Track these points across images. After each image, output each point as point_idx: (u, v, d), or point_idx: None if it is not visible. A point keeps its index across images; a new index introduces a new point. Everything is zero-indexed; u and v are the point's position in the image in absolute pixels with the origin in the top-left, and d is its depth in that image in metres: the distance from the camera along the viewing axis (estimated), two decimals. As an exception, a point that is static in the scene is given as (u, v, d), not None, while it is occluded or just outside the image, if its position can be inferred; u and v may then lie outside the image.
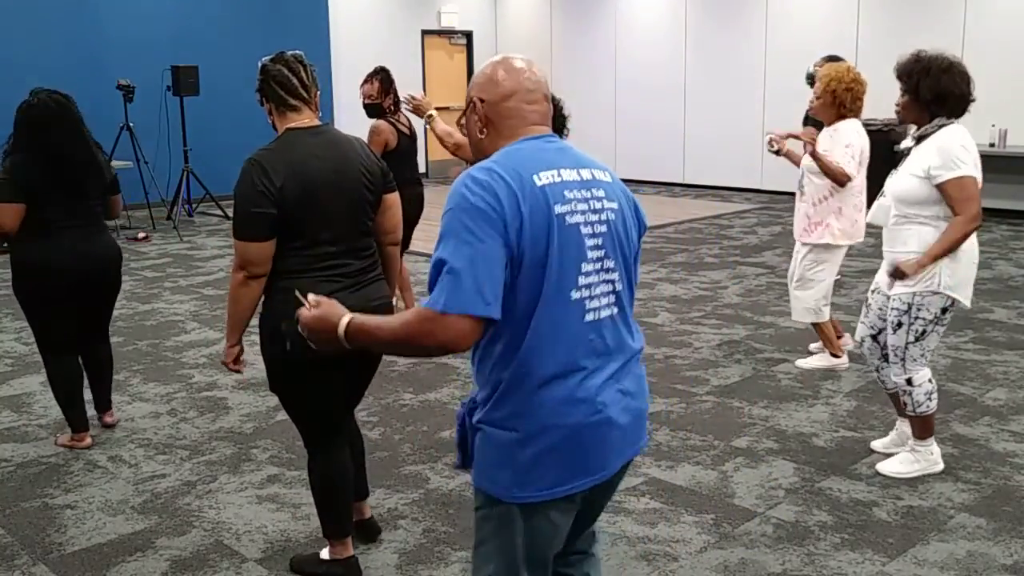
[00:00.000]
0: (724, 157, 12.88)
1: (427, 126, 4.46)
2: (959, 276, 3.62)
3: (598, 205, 1.96)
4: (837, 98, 4.85)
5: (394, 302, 3.24)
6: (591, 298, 1.94)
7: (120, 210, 4.47)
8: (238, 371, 3.10)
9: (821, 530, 3.42)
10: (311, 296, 2.05)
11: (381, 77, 5.56)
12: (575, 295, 1.91)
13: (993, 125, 9.83)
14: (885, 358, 3.91)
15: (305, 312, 2.00)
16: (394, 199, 3.10)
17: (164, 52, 11.33)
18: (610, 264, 1.97)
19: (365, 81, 5.59)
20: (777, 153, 5.17)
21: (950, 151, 3.52)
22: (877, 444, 4.11)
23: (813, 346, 5.49)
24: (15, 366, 5.57)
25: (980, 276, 3.97)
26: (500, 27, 15.44)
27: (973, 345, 5.68)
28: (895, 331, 3.71)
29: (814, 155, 4.86)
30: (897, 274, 3.59)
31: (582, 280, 1.92)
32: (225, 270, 8.34)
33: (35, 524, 3.57)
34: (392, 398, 4.89)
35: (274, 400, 4.90)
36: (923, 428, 3.83)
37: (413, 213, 5.53)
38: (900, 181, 3.67)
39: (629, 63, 13.78)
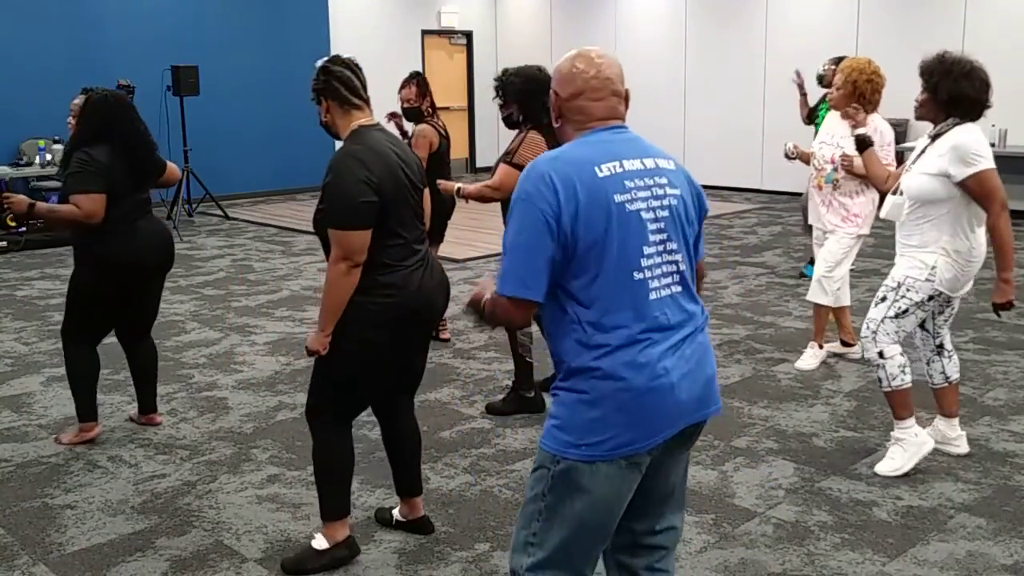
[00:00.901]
0: (724, 157, 12.88)
1: (459, 198, 4.66)
2: (951, 275, 3.71)
3: (660, 192, 2.13)
4: (858, 89, 4.85)
5: None
6: (653, 278, 2.10)
7: (172, 182, 4.53)
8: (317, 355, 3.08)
9: (821, 530, 3.42)
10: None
11: (418, 81, 5.71)
12: (638, 276, 2.08)
13: (993, 125, 9.83)
14: (938, 351, 3.97)
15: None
16: (426, 194, 3.29)
17: (164, 52, 11.34)
18: (673, 246, 2.14)
19: (403, 86, 5.73)
20: (791, 158, 5.31)
21: (966, 148, 3.60)
22: None
23: (810, 345, 5.48)
24: (15, 366, 5.58)
25: (980, 276, 3.97)
26: (500, 27, 15.45)
27: (973, 345, 5.68)
28: (877, 304, 3.84)
29: (851, 172, 4.93)
30: (1004, 307, 3.69)
31: (644, 262, 2.09)
32: (225, 270, 8.34)
33: (35, 524, 3.57)
34: (392, 398, 4.89)
35: (274, 400, 4.91)
36: (900, 405, 3.84)
37: (451, 205, 5.69)
38: (914, 179, 3.74)
39: (629, 63, 13.69)
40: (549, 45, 14.61)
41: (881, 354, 3.81)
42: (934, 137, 3.73)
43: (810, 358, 5.32)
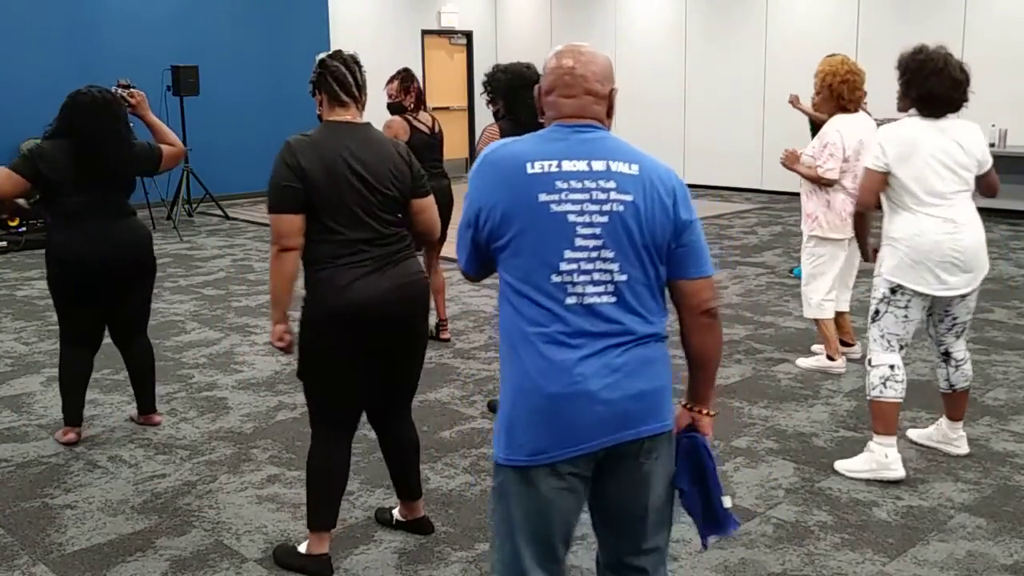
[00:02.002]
0: (724, 157, 12.88)
1: None
2: (895, 261, 3.71)
3: (601, 196, 2.01)
4: (834, 91, 4.88)
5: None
6: (575, 283, 2.01)
7: (177, 161, 4.48)
8: (286, 350, 3.11)
9: (821, 530, 3.42)
10: None
11: (401, 77, 5.78)
12: (555, 278, 2.01)
13: (993, 125, 9.84)
14: (944, 358, 3.95)
15: None
16: (424, 204, 3.19)
17: (164, 52, 11.33)
18: (608, 255, 2.01)
19: (388, 82, 5.75)
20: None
21: (876, 137, 3.76)
22: (912, 433, 4.16)
23: (816, 347, 5.49)
24: (15, 366, 5.57)
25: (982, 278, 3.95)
26: (500, 27, 15.45)
27: (973, 345, 5.67)
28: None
29: (790, 167, 4.99)
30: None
31: (564, 266, 2.00)
32: (225, 270, 8.34)
33: (35, 524, 3.57)
34: (392, 398, 4.89)
35: (274, 400, 4.90)
36: (876, 416, 3.82)
37: (450, 207, 5.68)
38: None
39: (629, 63, 13.77)
40: (549, 45, 14.53)
41: (869, 361, 3.84)
42: None
43: (812, 360, 5.32)
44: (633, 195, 2.02)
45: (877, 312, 3.79)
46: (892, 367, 3.77)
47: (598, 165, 2.04)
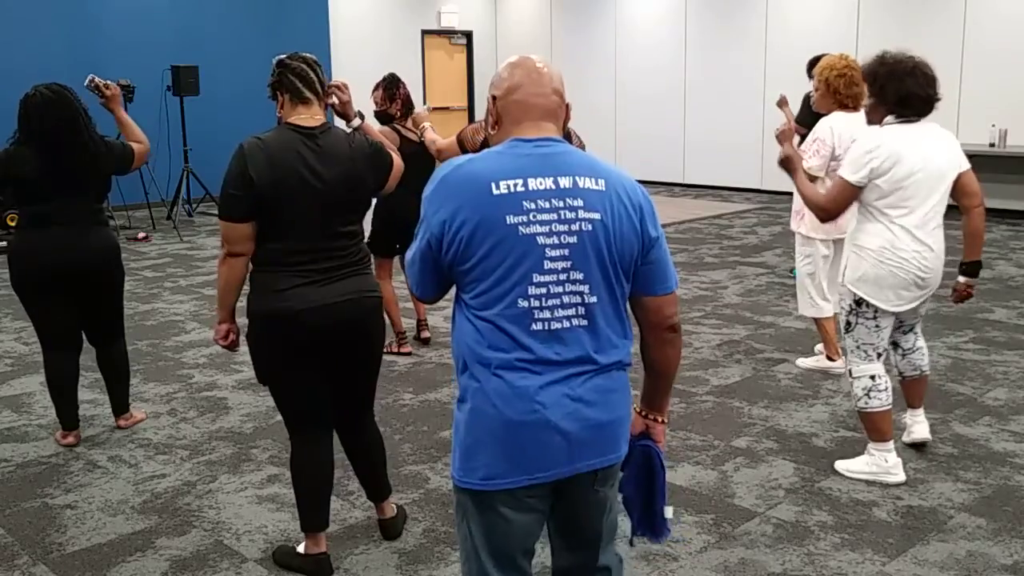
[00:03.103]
0: (724, 157, 12.89)
1: (421, 137, 4.96)
2: (860, 272, 3.66)
3: (570, 215, 1.93)
4: (831, 86, 4.84)
5: None
6: (541, 308, 1.93)
7: (143, 160, 4.44)
8: (228, 348, 3.18)
9: (821, 530, 3.42)
10: None
11: (384, 85, 5.63)
12: (522, 303, 1.93)
13: (993, 125, 9.84)
14: (892, 346, 3.96)
15: None
16: (392, 177, 3.24)
17: (164, 52, 11.34)
18: (577, 276, 1.94)
19: (374, 89, 5.66)
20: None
21: (850, 153, 3.67)
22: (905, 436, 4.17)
23: (819, 347, 5.48)
24: (15, 366, 5.57)
25: (980, 276, 3.95)
26: (500, 27, 15.45)
27: (973, 345, 5.68)
28: None
29: (780, 144, 4.90)
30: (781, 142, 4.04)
31: (532, 290, 1.92)
32: (225, 270, 8.33)
33: (35, 524, 3.57)
34: (392, 398, 4.89)
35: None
36: (870, 429, 3.82)
37: (412, 216, 5.60)
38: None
39: (629, 62, 13.78)
40: (549, 45, 14.61)
41: (850, 372, 3.84)
42: None
43: (812, 361, 5.31)
44: (601, 213, 1.95)
45: (848, 324, 3.77)
46: (873, 377, 3.76)
47: (564, 182, 1.94)
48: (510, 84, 2.04)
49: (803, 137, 7.30)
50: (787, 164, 3.96)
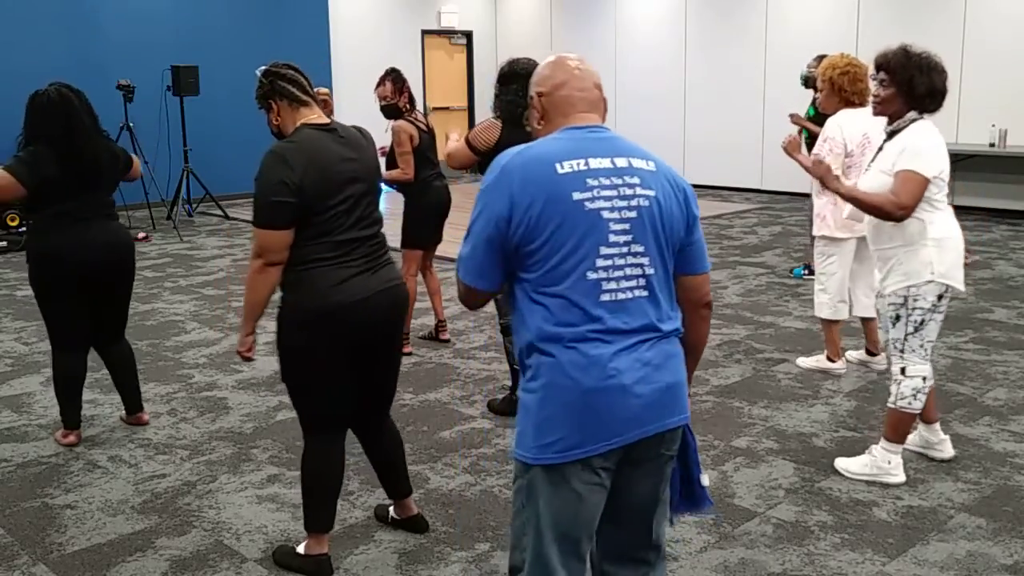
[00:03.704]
0: (724, 157, 12.89)
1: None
2: (947, 262, 3.64)
3: (629, 192, 2.07)
4: (835, 84, 4.82)
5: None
6: (609, 279, 2.04)
7: (137, 174, 4.51)
8: (251, 359, 3.14)
9: (821, 530, 3.42)
10: None
11: (392, 77, 5.66)
12: (591, 275, 2.03)
13: (993, 125, 9.84)
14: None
15: None
16: None
17: (164, 52, 11.34)
18: (638, 248, 2.07)
19: (378, 84, 5.68)
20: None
21: (914, 148, 3.56)
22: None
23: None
24: (15, 366, 5.58)
25: (980, 276, 3.97)
26: (500, 27, 15.45)
27: (973, 345, 5.68)
28: (894, 325, 3.71)
29: (790, 154, 4.85)
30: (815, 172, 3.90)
31: (600, 263, 2.03)
32: (225, 270, 8.34)
33: (35, 524, 3.57)
34: (392, 398, 4.89)
35: (274, 400, 4.90)
36: (894, 429, 3.79)
37: (444, 207, 5.67)
38: (873, 179, 3.69)
39: (629, 63, 13.78)
40: (549, 45, 14.61)
41: (903, 370, 3.72)
42: (891, 133, 3.68)
43: (813, 360, 5.30)
44: (655, 191, 2.10)
45: (922, 323, 3.66)
46: (925, 379, 3.72)
47: (621, 162, 2.09)
48: (555, 81, 2.18)
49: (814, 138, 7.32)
50: (824, 178, 3.86)
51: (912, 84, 3.60)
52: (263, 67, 3.11)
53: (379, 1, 14.09)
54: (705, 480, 2.31)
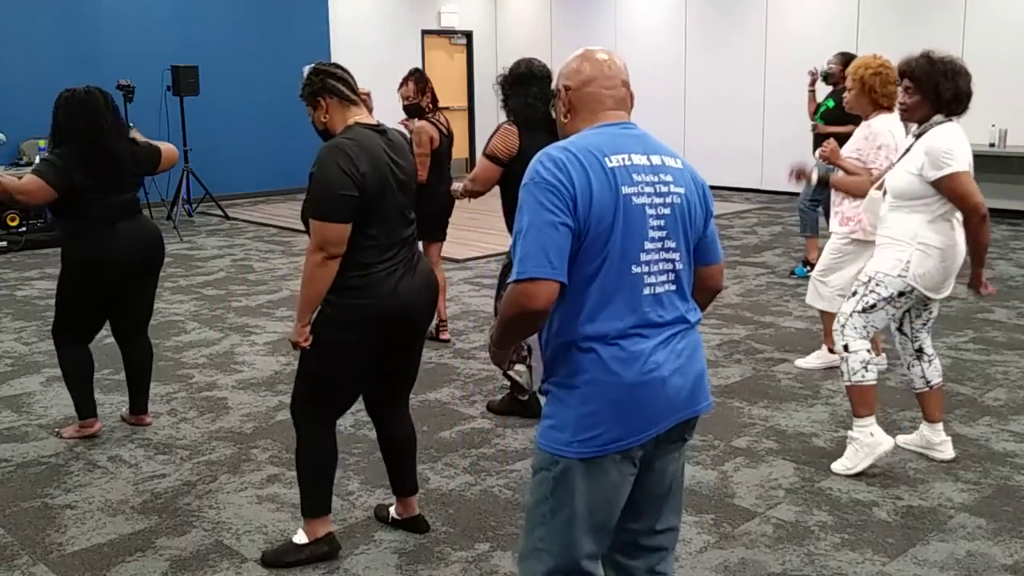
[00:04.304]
0: (724, 157, 12.88)
1: (459, 198, 4.80)
2: (924, 270, 3.70)
3: (664, 189, 2.12)
4: (866, 84, 4.74)
5: None
6: (650, 273, 2.10)
7: (171, 163, 4.49)
8: (302, 348, 3.09)
9: (821, 530, 3.42)
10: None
11: (415, 78, 5.70)
12: (635, 269, 2.08)
13: (993, 125, 9.83)
14: (917, 355, 3.95)
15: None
16: None
17: (164, 52, 11.34)
18: (671, 244, 2.13)
19: (401, 84, 5.73)
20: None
21: (938, 150, 3.61)
22: (900, 439, 4.13)
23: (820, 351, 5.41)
24: (15, 366, 5.57)
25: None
26: (500, 27, 15.45)
27: (973, 345, 5.68)
28: (848, 298, 3.88)
29: (835, 163, 4.74)
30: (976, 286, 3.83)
31: (643, 256, 2.09)
32: (225, 270, 8.34)
33: (35, 524, 3.57)
34: (392, 398, 4.89)
35: (274, 400, 4.90)
36: (858, 402, 3.85)
37: (450, 203, 5.69)
38: (898, 177, 3.77)
39: (629, 62, 13.57)
40: (549, 45, 14.60)
41: (846, 347, 3.84)
42: (919, 135, 3.74)
43: (813, 359, 5.31)
44: (684, 188, 2.16)
45: (873, 306, 3.79)
46: (868, 351, 3.84)
47: (655, 160, 2.14)
48: (583, 77, 2.20)
49: (821, 136, 7.29)
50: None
51: (938, 90, 3.68)
52: (311, 64, 3.16)
53: (379, 1, 14.08)
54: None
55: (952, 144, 3.62)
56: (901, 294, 3.76)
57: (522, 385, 4.56)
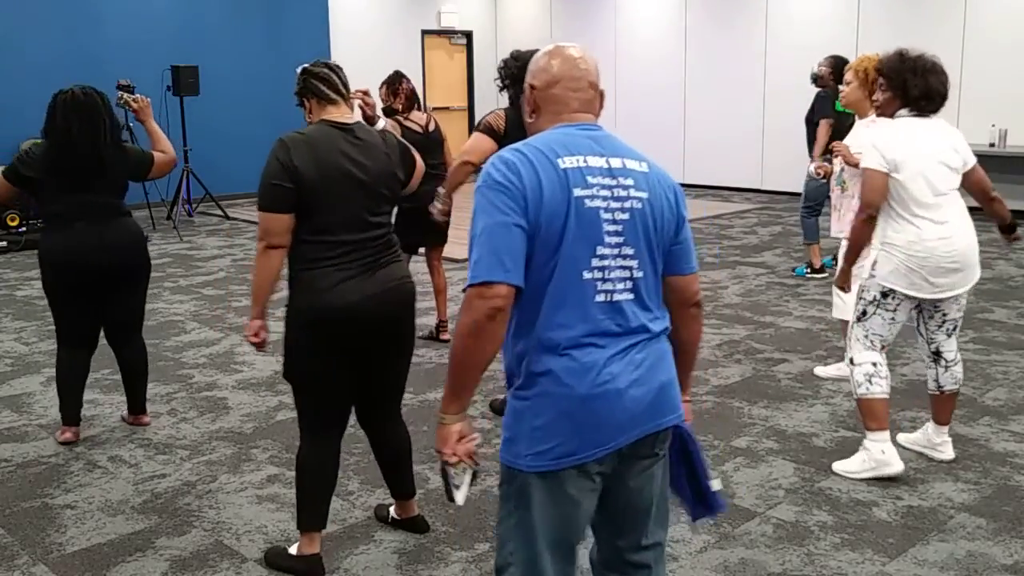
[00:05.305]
0: (724, 157, 12.89)
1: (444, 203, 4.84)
2: (890, 268, 3.70)
3: (623, 193, 2.03)
4: (869, 76, 4.74)
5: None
6: (604, 280, 2.01)
7: (168, 169, 4.45)
8: (260, 345, 3.13)
9: (821, 530, 3.42)
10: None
11: (387, 80, 5.75)
12: (587, 275, 1.99)
13: (993, 125, 9.84)
14: (934, 358, 3.91)
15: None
16: (414, 179, 3.33)
17: (164, 52, 11.34)
18: (629, 251, 2.03)
19: (380, 87, 5.73)
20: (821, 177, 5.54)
21: (866, 144, 3.70)
22: (901, 438, 4.13)
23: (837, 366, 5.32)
24: (15, 366, 5.58)
25: (980, 276, 3.94)
26: (500, 27, 15.45)
27: (973, 345, 5.68)
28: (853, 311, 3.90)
29: (849, 162, 4.72)
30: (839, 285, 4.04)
31: (595, 262, 2.00)
32: (225, 270, 8.34)
33: (35, 524, 3.57)
34: (392, 398, 4.89)
35: (274, 400, 4.90)
36: (866, 415, 3.82)
37: (423, 211, 5.61)
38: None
39: (629, 62, 13.78)
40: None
41: (851, 360, 3.83)
42: None
43: (833, 369, 5.16)
44: (647, 193, 2.07)
45: (864, 313, 3.79)
46: (875, 364, 3.78)
47: (615, 162, 2.06)
48: (549, 77, 2.12)
49: (815, 125, 7.28)
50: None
51: (906, 86, 3.67)
52: (304, 64, 3.18)
53: (379, 1, 14.08)
54: (716, 485, 2.27)
55: (882, 139, 3.62)
56: (884, 295, 3.74)
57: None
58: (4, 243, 9.39)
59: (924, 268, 3.66)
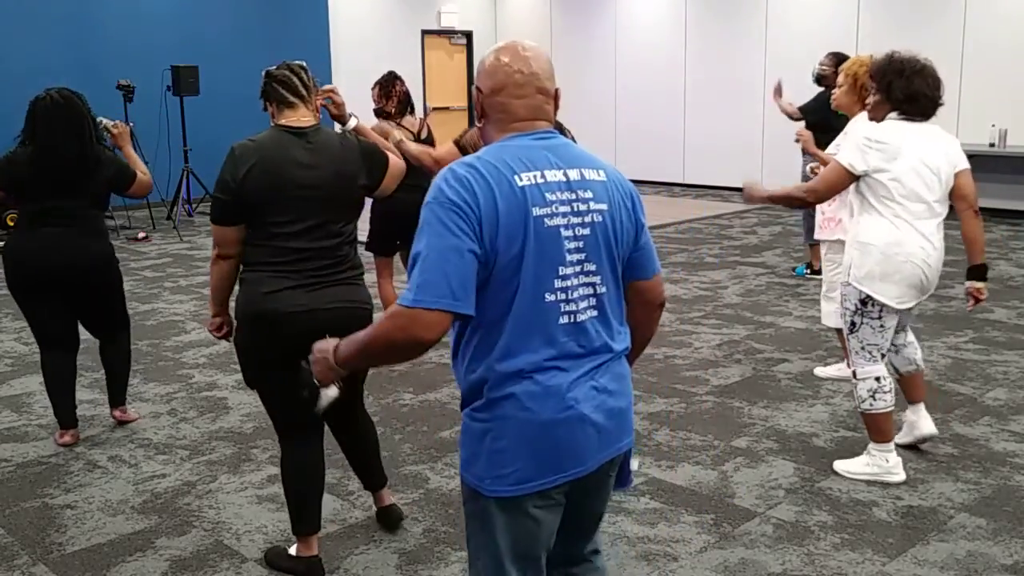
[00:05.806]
0: (724, 157, 12.88)
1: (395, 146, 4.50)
2: (866, 269, 3.64)
3: (583, 207, 1.94)
4: (859, 81, 4.75)
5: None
6: (567, 301, 1.93)
7: (145, 191, 4.45)
8: (224, 336, 3.28)
9: (821, 530, 3.42)
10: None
11: (380, 82, 5.67)
12: (549, 297, 1.91)
13: (993, 125, 9.84)
14: (894, 349, 3.94)
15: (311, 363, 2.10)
16: (386, 184, 3.24)
17: (164, 52, 11.33)
18: (591, 267, 1.96)
19: (372, 87, 5.68)
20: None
21: (850, 137, 3.70)
22: (895, 438, 4.12)
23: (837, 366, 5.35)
24: (15, 366, 5.58)
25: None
26: (500, 27, 15.44)
27: (973, 345, 5.68)
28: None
29: (810, 152, 4.79)
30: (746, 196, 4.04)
31: (558, 283, 1.92)
32: (225, 270, 8.34)
33: (35, 524, 3.57)
34: (392, 398, 4.89)
35: (274, 400, 4.90)
36: (872, 430, 3.81)
37: (406, 217, 5.59)
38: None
39: (629, 62, 13.78)
40: (549, 45, 14.60)
41: (854, 374, 3.81)
42: None
43: (833, 370, 5.17)
44: (607, 204, 1.98)
45: (853, 324, 3.73)
46: (878, 379, 3.74)
47: (573, 174, 1.95)
48: (493, 83, 2.00)
49: (812, 127, 7.27)
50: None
51: (891, 88, 3.64)
52: (269, 67, 3.17)
53: (379, 1, 14.08)
54: (634, 464, 2.28)
55: (868, 137, 3.59)
56: (864, 302, 3.68)
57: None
58: (4, 243, 9.38)
59: (900, 272, 3.61)
